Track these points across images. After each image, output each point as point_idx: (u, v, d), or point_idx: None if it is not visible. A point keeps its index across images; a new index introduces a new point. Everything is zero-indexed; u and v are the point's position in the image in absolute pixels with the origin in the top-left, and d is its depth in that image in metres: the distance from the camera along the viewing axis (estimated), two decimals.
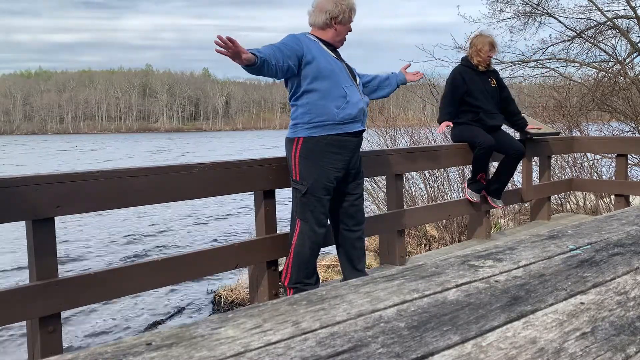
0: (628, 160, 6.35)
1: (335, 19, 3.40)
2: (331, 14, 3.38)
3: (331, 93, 3.30)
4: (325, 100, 3.28)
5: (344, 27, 3.44)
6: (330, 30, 3.42)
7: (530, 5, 10.48)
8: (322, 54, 3.33)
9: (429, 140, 8.24)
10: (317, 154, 3.29)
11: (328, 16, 3.39)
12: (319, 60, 3.28)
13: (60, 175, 2.67)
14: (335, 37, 3.44)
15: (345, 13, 3.41)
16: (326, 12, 3.39)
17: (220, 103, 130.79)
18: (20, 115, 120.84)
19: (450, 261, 1.02)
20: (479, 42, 4.74)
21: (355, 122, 3.37)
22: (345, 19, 3.42)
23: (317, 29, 3.44)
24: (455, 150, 4.82)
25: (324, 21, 3.40)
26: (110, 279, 2.83)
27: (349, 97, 3.33)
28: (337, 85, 3.31)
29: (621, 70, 9.90)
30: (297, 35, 3.35)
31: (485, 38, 4.77)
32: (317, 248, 3.43)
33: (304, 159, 3.31)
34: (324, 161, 3.29)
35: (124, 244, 9.80)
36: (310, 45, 3.31)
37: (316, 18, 3.42)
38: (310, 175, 3.31)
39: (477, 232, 5.16)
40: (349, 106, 3.32)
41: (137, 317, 5.93)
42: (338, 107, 3.29)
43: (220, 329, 0.69)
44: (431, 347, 0.67)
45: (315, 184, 3.30)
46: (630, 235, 1.25)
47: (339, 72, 3.36)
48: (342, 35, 3.47)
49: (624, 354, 0.68)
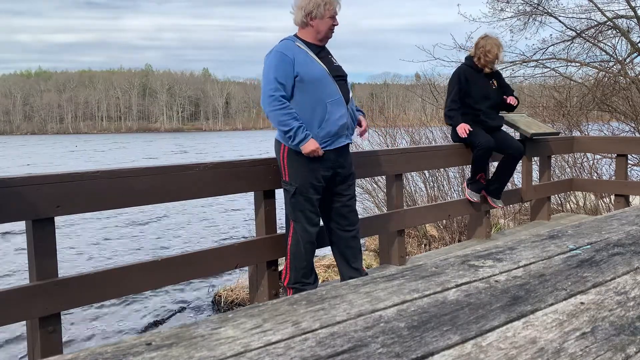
0: (628, 160, 6.35)
1: (310, 15, 3.30)
2: (305, 10, 3.30)
3: (314, 109, 3.26)
4: (308, 117, 3.25)
5: (321, 21, 3.32)
6: (309, 29, 3.34)
7: (530, 5, 10.48)
8: (306, 64, 3.25)
9: (429, 140, 8.24)
10: (303, 157, 3.28)
11: (304, 13, 3.31)
12: (302, 74, 3.23)
13: (60, 175, 2.67)
14: (316, 34, 3.34)
15: (319, 7, 3.29)
16: (302, 9, 3.32)
17: (220, 103, 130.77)
18: (20, 115, 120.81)
19: (450, 261, 1.02)
20: (487, 44, 4.67)
21: (338, 138, 3.34)
22: (320, 13, 3.30)
23: (299, 29, 3.39)
24: (455, 150, 4.82)
25: (301, 19, 3.34)
26: (110, 279, 2.83)
27: (329, 114, 3.27)
28: (319, 101, 3.26)
29: (621, 70, 9.90)
30: (285, 52, 3.25)
31: (493, 40, 4.72)
32: (311, 247, 3.43)
33: (292, 160, 3.31)
34: (311, 162, 3.29)
35: (124, 244, 9.80)
36: (296, 56, 3.25)
37: (296, 17, 3.37)
38: (298, 176, 3.31)
39: (477, 232, 5.16)
40: (329, 124, 3.28)
41: (137, 317, 5.93)
42: (319, 124, 3.26)
43: (220, 329, 0.69)
44: (431, 347, 0.67)
45: (304, 184, 3.31)
46: (630, 235, 1.25)
47: (325, 85, 3.27)
48: (322, 32, 3.34)
49: (624, 354, 0.68)
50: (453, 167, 6.91)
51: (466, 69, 4.74)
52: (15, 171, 16.10)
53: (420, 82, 13.04)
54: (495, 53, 4.65)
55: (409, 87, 22.61)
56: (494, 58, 4.67)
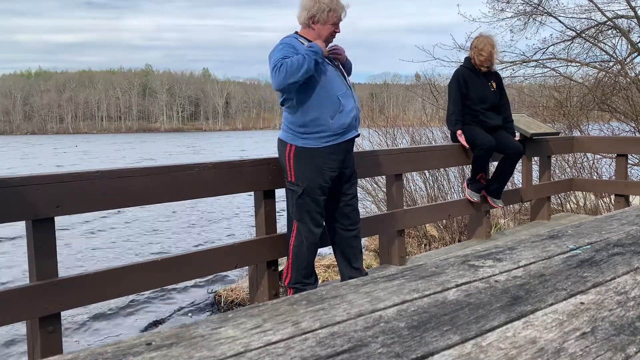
0: (628, 160, 6.35)
1: (312, 18, 3.30)
2: (309, 12, 3.29)
3: (325, 102, 3.25)
4: (320, 111, 3.24)
5: (323, 27, 3.31)
6: (310, 30, 3.34)
7: (530, 5, 10.47)
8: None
9: (429, 140, 8.24)
10: (311, 157, 3.28)
11: (307, 15, 3.31)
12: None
13: (60, 175, 2.67)
14: (316, 37, 3.32)
15: (322, 12, 3.28)
16: (307, 11, 3.31)
17: (220, 103, 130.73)
18: (20, 115, 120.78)
19: (450, 261, 1.02)
20: (479, 43, 4.74)
21: (349, 130, 3.34)
22: (323, 19, 3.29)
23: (302, 28, 3.39)
24: (455, 150, 4.82)
25: (304, 20, 3.33)
26: (110, 279, 2.83)
27: (343, 106, 3.28)
28: (331, 94, 3.26)
29: (621, 70, 9.90)
30: (292, 44, 3.25)
31: (486, 39, 4.76)
32: (314, 248, 3.43)
33: (298, 160, 3.30)
34: (319, 162, 3.29)
35: (124, 243, 9.80)
36: (301, 50, 3.23)
37: (300, 16, 3.37)
38: (306, 177, 3.30)
39: (477, 232, 5.16)
40: (343, 116, 3.28)
41: (137, 317, 5.93)
42: (332, 116, 3.26)
43: (220, 329, 0.69)
44: (431, 347, 0.67)
45: (311, 185, 3.30)
46: (630, 235, 1.25)
47: (333, 78, 3.29)
48: (322, 37, 3.31)
49: (624, 354, 0.68)
50: (453, 167, 6.91)
51: (464, 71, 4.75)
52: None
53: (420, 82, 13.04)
54: (488, 51, 4.67)
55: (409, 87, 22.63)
56: (488, 56, 4.68)
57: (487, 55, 4.68)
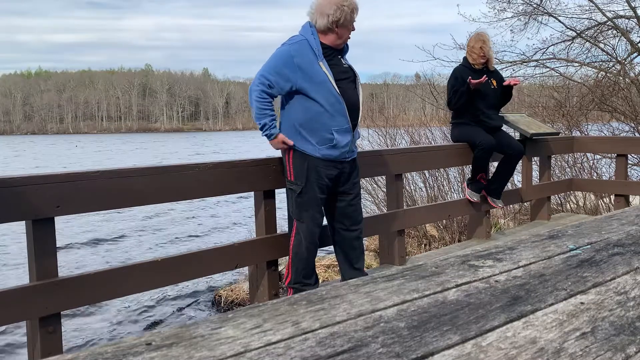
0: (628, 160, 6.35)
1: (337, 22, 3.30)
2: (333, 18, 3.28)
3: (317, 132, 3.25)
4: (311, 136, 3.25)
5: (345, 29, 3.35)
6: (331, 35, 3.34)
7: (530, 5, 10.47)
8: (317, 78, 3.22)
9: (429, 140, 8.24)
10: (310, 155, 3.28)
11: (330, 20, 3.29)
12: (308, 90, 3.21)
13: (60, 175, 2.67)
14: (337, 40, 3.35)
15: (347, 15, 3.30)
16: (327, 17, 3.28)
17: (220, 103, 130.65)
18: (20, 115, 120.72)
19: (450, 261, 1.02)
20: (471, 41, 4.81)
21: (340, 157, 3.33)
22: (347, 21, 3.33)
23: (318, 32, 3.35)
24: (455, 150, 4.82)
25: (325, 25, 3.30)
26: (110, 279, 2.83)
27: (336, 141, 3.27)
28: (325, 127, 3.24)
29: (621, 70, 9.90)
30: (292, 54, 3.23)
31: (476, 35, 4.81)
32: (314, 247, 3.43)
33: (297, 159, 3.30)
34: (318, 161, 3.29)
35: (124, 243, 9.80)
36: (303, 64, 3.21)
37: (317, 21, 3.33)
38: (305, 175, 3.30)
39: (477, 232, 5.16)
40: (333, 150, 3.29)
41: (137, 317, 5.93)
42: (321, 147, 3.26)
43: (220, 329, 0.69)
44: (431, 347, 0.67)
45: (310, 184, 3.30)
46: (630, 235, 1.25)
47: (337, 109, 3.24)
48: (343, 38, 3.38)
49: (624, 354, 0.68)
50: (453, 167, 6.92)
51: (462, 69, 4.76)
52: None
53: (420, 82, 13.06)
54: (479, 47, 4.69)
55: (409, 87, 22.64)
56: (480, 52, 4.70)
57: (478, 51, 4.70)
